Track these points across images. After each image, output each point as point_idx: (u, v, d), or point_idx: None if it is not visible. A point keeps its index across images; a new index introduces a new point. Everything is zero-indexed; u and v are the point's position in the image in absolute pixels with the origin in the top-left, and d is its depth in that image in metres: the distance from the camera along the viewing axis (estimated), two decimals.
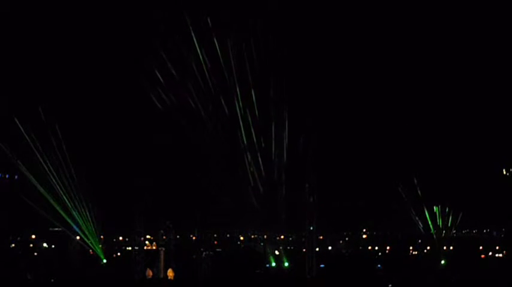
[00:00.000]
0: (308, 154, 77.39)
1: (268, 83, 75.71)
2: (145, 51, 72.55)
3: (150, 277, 73.25)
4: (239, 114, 75.07)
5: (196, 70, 74.11)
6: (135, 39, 73.42)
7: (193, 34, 72.89)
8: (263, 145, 76.41)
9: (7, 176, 78.06)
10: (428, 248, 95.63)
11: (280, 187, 78.77)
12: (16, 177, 76.33)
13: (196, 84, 74.71)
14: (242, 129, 75.69)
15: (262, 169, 78.11)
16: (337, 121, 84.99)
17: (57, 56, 77.84)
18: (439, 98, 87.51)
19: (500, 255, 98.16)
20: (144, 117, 75.96)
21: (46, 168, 73.71)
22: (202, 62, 73.87)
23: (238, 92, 74.95)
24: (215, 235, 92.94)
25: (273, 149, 77.49)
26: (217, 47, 73.27)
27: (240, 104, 75.18)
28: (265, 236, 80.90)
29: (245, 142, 75.75)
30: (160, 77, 73.58)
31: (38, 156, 73.44)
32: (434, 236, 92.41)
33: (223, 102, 75.07)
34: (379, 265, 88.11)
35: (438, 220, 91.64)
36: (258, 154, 76.59)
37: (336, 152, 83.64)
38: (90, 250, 77.53)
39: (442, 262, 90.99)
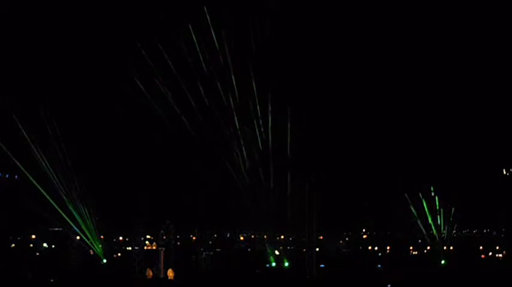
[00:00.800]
0: (309, 154, 77.46)
1: (268, 82, 75.76)
2: (143, 46, 72.39)
3: (150, 277, 73.25)
4: (232, 104, 74.96)
5: (193, 65, 74.12)
6: (133, 35, 73.07)
7: (191, 29, 72.72)
8: (264, 135, 76.40)
9: (7, 176, 78.04)
10: (428, 248, 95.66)
11: (280, 186, 78.86)
12: (16, 177, 76.32)
13: (194, 82, 74.79)
14: (236, 122, 75.63)
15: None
16: (339, 121, 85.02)
17: (57, 56, 77.78)
18: (439, 98, 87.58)
19: (500, 255, 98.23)
20: (144, 117, 75.92)
21: (46, 168, 73.73)
22: (201, 59, 73.84)
23: (236, 87, 74.98)
24: (215, 235, 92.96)
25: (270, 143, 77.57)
26: (215, 40, 73.12)
27: (237, 96, 75.15)
28: (265, 236, 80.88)
29: (238, 131, 75.72)
30: (156, 71, 73.61)
31: (38, 156, 73.45)
32: (433, 236, 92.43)
33: (222, 95, 75.00)
34: (379, 265, 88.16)
35: (439, 220, 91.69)
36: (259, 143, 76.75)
37: (337, 152, 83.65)
38: (91, 250, 77.56)
39: (442, 262, 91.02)
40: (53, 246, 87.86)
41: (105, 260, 78.33)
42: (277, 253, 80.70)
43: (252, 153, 77.18)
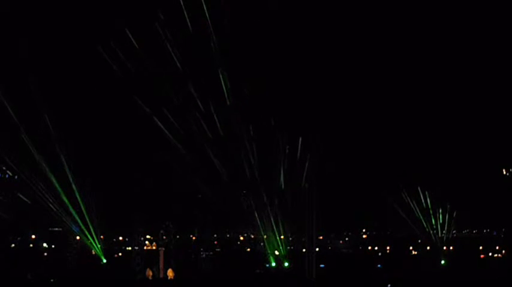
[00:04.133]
0: (308, 154, 77.49)
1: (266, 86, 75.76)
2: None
3: (150, 277, 73.26)
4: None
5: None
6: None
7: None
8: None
9: (7, 176, 78.02)
10: (428, 248, 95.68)
11: (280, 187, 78.91)
12: (16, 177, 76.31)
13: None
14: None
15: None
16: (338, 120, 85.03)
17: (55, 57, 77.56)
18: (439, 98, 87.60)
19: (500, 255, 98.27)
20: (143, 117, 75.86)
21: (46, 168, 73.73)
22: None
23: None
24: (215, 235, 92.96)
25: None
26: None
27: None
28: (265, 236, 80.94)
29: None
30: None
31: (38, 156, 73.44)
32: (433, 236, 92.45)
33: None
34: (379, 265, 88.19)
35: (439, 220, 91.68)
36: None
37: (337, 152, 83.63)
38: (93, 251, 77.61)
39: (442, 262, 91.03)
40: (53, 246, 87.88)
41: (105, 260, 78.34)
42: (277, 253, 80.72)
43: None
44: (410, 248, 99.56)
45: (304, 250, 78.64)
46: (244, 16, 72.47)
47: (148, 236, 77.30)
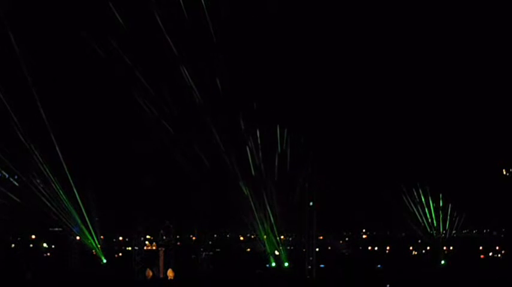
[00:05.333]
0: (308, 153, 77.49)
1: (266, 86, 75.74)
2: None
3: (150, 277, 73.28)
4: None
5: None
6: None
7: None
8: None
9: (7, 176, 77.98)
10: (428, 248, 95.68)
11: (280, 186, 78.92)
12: (16, 177, 76.29)
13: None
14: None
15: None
16: (338, 119, 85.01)
17: (53, 53, 77.28)
18: (439, 98, 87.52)
19: (500, 255, 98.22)
20: (143, 116, 75.85)
21: (46, 169, 73.69)
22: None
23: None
24: (215, 235, 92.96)
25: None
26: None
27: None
28: (265, 236, 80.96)
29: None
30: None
31: (37, 156, 73.40)
32: (434, 236, 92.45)
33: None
34: (379, 265, 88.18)
35: (438, 220, 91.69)
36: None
37: (336, 151, 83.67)
38: (94, 251, 77.64)
39: (442, 262, 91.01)
40: (53, 246, 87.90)
41: (105, 260, 78.36)
42: (277, 253, 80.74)
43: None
44: (411, 248, 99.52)
45: (304, 250, 78.70)
46: (243, 14, 72.46)
47: (148, 236, 77.32)
